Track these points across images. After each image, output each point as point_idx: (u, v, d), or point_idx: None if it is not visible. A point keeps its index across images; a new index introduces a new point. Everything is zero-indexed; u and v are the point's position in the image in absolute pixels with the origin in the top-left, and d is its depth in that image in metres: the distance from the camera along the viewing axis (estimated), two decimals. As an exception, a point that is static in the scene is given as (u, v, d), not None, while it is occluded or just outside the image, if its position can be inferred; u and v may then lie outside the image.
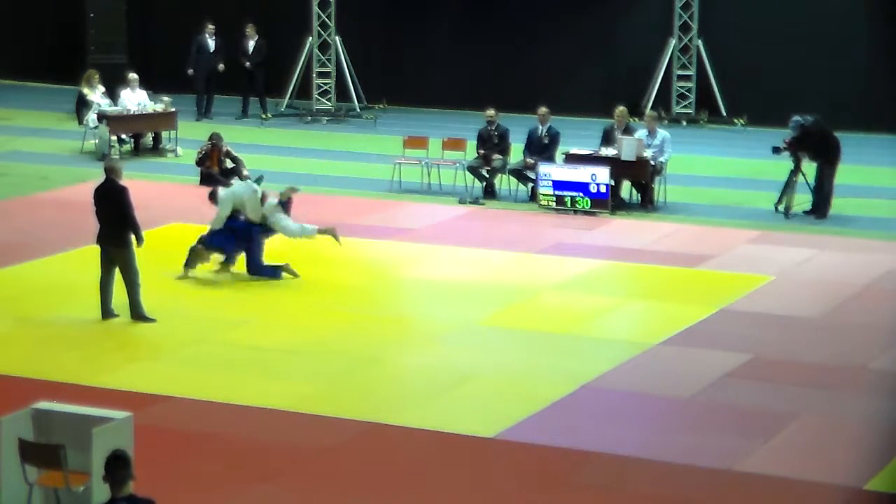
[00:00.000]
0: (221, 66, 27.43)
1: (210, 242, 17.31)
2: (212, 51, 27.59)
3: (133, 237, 15.44)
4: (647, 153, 21.00)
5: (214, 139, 22.30)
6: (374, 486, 11.86)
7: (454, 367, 14.54)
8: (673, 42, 27.36)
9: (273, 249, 17.60)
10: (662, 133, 21.53)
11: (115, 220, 15.42)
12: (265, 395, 13.64)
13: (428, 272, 17.80)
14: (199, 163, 22.23)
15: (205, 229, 17.42)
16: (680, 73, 27.51)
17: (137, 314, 15.55)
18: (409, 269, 17.87)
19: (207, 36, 27.64)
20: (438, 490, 11.84)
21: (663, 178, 21.30)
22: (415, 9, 29.09)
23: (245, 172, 21.40)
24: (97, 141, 24.35)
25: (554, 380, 14.11)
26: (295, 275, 17.28)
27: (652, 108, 25.73)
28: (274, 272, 17.27)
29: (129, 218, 15.43)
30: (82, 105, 25.39)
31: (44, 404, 11.37)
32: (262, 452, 12.41)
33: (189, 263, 17.22)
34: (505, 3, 28.58)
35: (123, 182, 15.67)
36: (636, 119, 23.69)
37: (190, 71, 27.41)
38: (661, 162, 21.15)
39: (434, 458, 12.42)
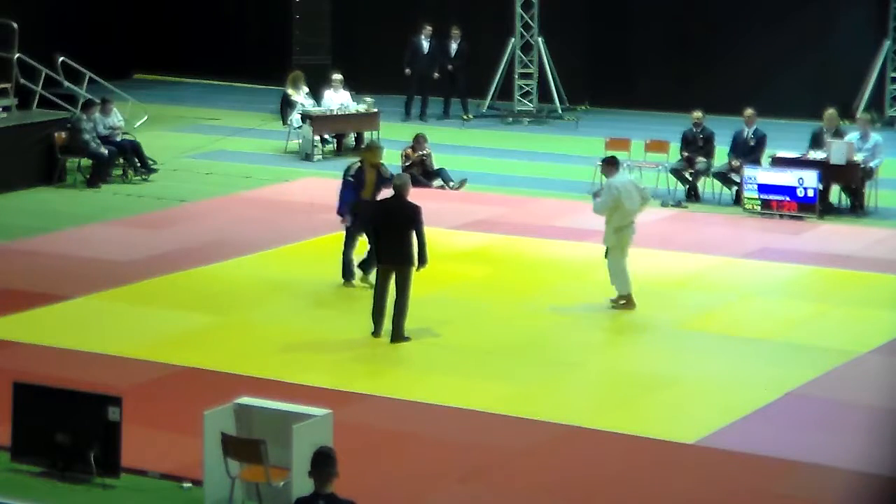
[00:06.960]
0: (437, 74, 27.54)
1: None
2: (426, 53, 27.68)
3: (416, 257, 15.04)
4: (859, 157, 20.42)
5: (418, 141, 22.33)
6: (570, 489, 11.74)
7: (654, 370, 14.32)
8: (888, 43, 26.56)
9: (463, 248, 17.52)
10: (875, 136, 20.93)
11: (404, 238, 15.01)
12: (465, 395, 13.58)
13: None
14: (406, 167, 22.16)
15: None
16: (895, 75, 26.67)
17: (398, 335, 15.10)
18: (610, 271, 17.64)
19: (423, 38, 27.73)
20: (634, 495, 11.66)
21: (875, 182, 20.68)
22: (618, 10, 28.80)
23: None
24: (300, 141, 24.66)
25: (757, 386, 13.80)
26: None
27: (865, 110, 24.99)
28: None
29: (423, 237, 15.04)
30: (287, 105, 25.72)
31: (246, 399, 11.50)
32: (462, 453, 12.37)
33: None
34: (710, 1, 28.12)
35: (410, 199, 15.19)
36: (846, 121, 23.03)
37: (407, 71, 27.53)
38: (872, 167, 20.54)
39: (632, 463, 12.23)
